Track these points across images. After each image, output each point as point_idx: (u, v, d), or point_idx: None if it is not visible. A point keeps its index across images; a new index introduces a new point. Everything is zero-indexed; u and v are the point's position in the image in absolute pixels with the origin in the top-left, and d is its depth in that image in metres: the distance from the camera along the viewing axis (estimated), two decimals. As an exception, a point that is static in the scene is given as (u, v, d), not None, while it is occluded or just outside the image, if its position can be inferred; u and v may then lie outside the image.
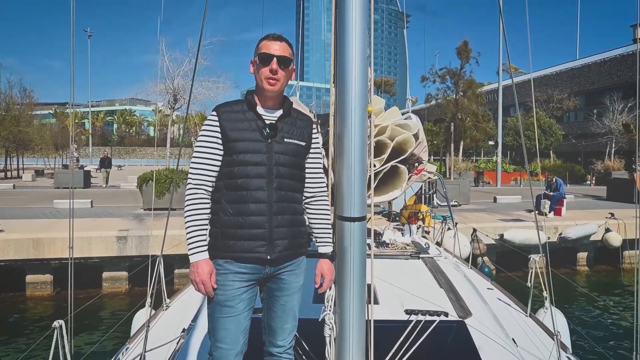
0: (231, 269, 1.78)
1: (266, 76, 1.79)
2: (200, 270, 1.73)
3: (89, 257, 8.09)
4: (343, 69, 2.07)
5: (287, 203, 1.83)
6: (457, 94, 22.03)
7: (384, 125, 2.51)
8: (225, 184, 1.79)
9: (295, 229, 1.88)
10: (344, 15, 2.05)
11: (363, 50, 2.06)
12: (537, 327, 3.24)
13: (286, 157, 1.82)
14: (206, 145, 1.80)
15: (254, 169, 1.76)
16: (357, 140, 2.05)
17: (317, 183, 1.97)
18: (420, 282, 3.53)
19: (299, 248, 1.91)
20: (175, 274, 8.40)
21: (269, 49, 1.80)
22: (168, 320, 3.31)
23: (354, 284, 2.09)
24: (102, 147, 60.18)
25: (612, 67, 35.14)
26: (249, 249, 1.76)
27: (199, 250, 1.76)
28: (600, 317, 7.22)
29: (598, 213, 11.22)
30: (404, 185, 2.63)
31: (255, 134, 1.79)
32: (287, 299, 1.91)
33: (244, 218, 1.76)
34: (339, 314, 2.12)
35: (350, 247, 2.07)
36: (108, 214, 10.45)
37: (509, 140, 32.31)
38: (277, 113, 1.88)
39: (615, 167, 23.50)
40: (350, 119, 2.06)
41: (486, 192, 18.76)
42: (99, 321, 6.76)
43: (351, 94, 2.05)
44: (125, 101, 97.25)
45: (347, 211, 2.07)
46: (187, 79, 12.37)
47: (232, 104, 1.85)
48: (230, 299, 1.77)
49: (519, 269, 9.67)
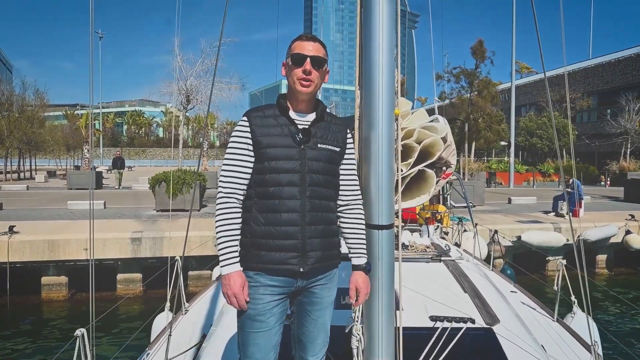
0: (262, 282, 1.70)
1: (299, 77, 1.72)
2: (232, 282, 1.65)
3: (104, 259, 8.10)
4: (369, 71, 2.00)
5: (320, 212, 1.74)
6: (471, 93, 21.83)
7: (410, 129, 2.43)
8: (256, 192, 1.72)
9: (329, 240, 1.79)
10: (370, 15, 1.97)
11: (390, 51, 1.99)
12: (566, 333, 3.14)
13: (320, 164, 1.74)
14: (237, 152, 1.73)
15: (286, 176, 1.69)
16: (384, 144, 1.98)
17: (351, 191, 1.88)
18: (443, 287, 3.44)
19: (332, 260, 1.82)
20: (189, 275, 8.39)
21: (302, 49, 1.73)
22: (188, 325, 3.27)
23: (383, 294, 2.02)
24: (113, 148, 60.86)
25: (627, 66, 34.58)
26: (280, 261, 1.69)
27: (231, 262, 1.68)
28: (629, 323, 7.05)
29: (617, 215, 11.00)
30: (432, 190, 2.55)
31: (288, 139, 1.71)
32: (319, 313, 1.83)
33: (275, 228, 1.68)
34: (366, 324, 2.06)
35: (378, 256, 2.01)
36: (121, 215, 10.49)
37: (520, 141, 31.95)
38: (310, 117, 1.80)
39: (631, 167, 23.10)
40: (377, 123, 1.98)
41: (500, 193, 18.54)
42: (117, 325, 6.72)
43: (378, 97, 1.98)
44: (134, 102, 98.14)
45: (375, 219, 2.00)
46: (200, 79, 12.40)
47: (264, 109, 1.78)
48: (261, 313, 1.70)
49: (537, 271, 9.54)
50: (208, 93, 12.72)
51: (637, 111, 28.30)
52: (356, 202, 1.89)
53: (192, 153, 56.31)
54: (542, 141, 32.24)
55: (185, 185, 10.83)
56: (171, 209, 10.90)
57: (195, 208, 11.13)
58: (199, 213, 10.84)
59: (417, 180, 2.57)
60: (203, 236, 8.16)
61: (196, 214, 10.77)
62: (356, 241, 1.87)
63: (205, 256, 7.98)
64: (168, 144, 64.67)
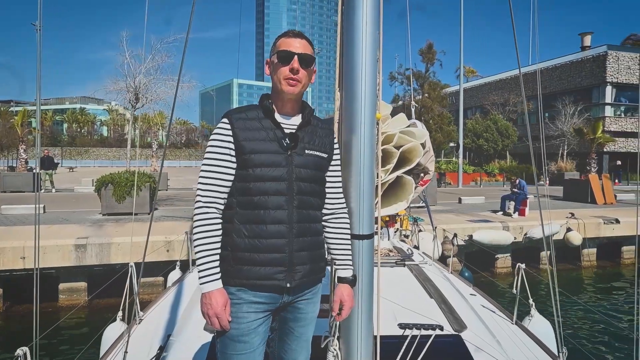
0: (245, 299, 1.56)
1: (285, 76, 1.59)
2: (214, 301, 1.49)
3: (44, 268, 7.51)
4: (352, 73, 1.90)
5: (308, 223, 1.63)
6: (423, 95, 22.43)
7: (390, 133, 2.36)
8: (238, 201, 1.57)
9: (317, 252, 1.68)
10: (354, 16, 1.88)
11: (374, 53, 1.90)
12: (526, 337, 3.22)
13: (307, 171, 1.62)
14: (217, 158, 1.57)
15: (272, 184, 1.56)
16: (366, 149, 1.88)
17: (337, 199, 1.77)
18: (410, 293, 3.46)
19: (319, 273, 1.71)
20: (140, 282, 7.95)
21: (289, 46, 1.60)
22: (143, 337, 3.03)
23: (362, 305, 1.94)
24: (52, 147, 57.24)
25: (563, 72, 36.96)
26: (266, 276, 1.55)
27: (212, 279, 1.52)
28: (575, 316, 7.44)
29: (558, 213, 11.62)
30: (410, 197, 2.49)
31: (274, 145, 1.57)
32: (303, 330, 1.71)
33: (260, 241, 1.54)
34: (344, 337, 1.97)
35: (359, 267, 1.91)
36: (63, 220, 9.79)
37: (467, 142, 33.26)
38: (296, 120, 1.67)
39: (568, 168, 24.63)
40: (359, 127, 1.89)
41: (450, 193, 19.14)
42: (62, 340, 6.19)
43: (361, 100, 1.89)
44: (75, 99, 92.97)
45: (356, 228, 1.90)
46: (150, 77, 11.82)
47: (246, 110, 1.63)
48: (244, 333, 1.55)
49: (487, 269, 9.90)
50: (158, 91, 12.19)
51: (572, 114, 30.29)
52: (342, 210, 1.78)
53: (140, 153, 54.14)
54: (487, 143, 33.73)
55: (134, 188, 10.30)
56: (114, 212, 10.32)
57: (145, 211, 10.62)
58: (149, 217, 10.34)
59: (394, 186, 2.50)
60: (155, 241, 7.77)
61: (146, 218, 10.28)
62: (342, 252, 1.76)
63: (158, 262, 7.61)
64: (113, 144, 61.70)
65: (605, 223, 11.12)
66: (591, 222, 11.07)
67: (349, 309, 1.75)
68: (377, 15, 1.86)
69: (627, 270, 10.79)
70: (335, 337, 1.98)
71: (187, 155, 62.52)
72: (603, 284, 9.79)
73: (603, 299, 8.64)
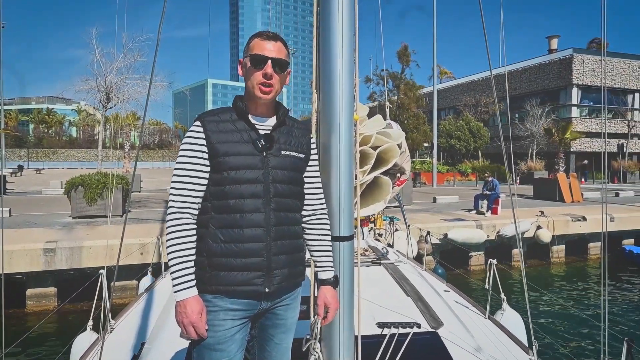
0: (222, 306, 1.52)
1: (259, 82, 1.56)
2: (189, 310, 1.45)
3: (11, 273, 7.23)
4: (329, 74, 1.90)
5: (286, 226, 1.59)
6: (399, 96, 22.70)
7: (368, 135, 2.38)
8: (213, 205, 1.53)
9: (295, 256, 1.65)
10: (330, 17, 1.88)
11: (350, 53, 1.91)
12: (498, 331, 3.30)
13: (284, 173, 1.58)
14: (190, 162, 1.52)
15: (248, 187, 1.52)
16: (345, 150, 1.89)
17: (317, 200, 1.75)
18: (386, 291, 3.50)
19: (298, 277, 1.68)
20: (113, 287, 7.75)
21: (262, 49, 1.56)
22: (115, 346, 2.94)
23: (344, 307, 1.93)
24: (17, 149, 55.14)
25: (531, 74, 38.03)
26: (243, 282, 1.51)
27: (187, 286, 1.48)
28: (549, 311, 7.66)
29: (528, 211, 11.96)
30: (388, 198, 2.52)
31: (249, 146, 1.54)
32: (283, 336, 1.69)
33: (237, 245, 1.50)
34: (326, 339, 1.97)
35: (340, 269, 1.91)
36: (31, 224, 9.47)
37: (441, 142, 33.84)
38: (271, 121, 1.64)
39: (537, 167, 25.36)
40: (337, 128, 1.89)
41: (425, 193, 19.42)
42: (30, 350, 5.94)
43: (338, 101, 1.89)
44: (42, 99, 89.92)
45: (336, 230, 1.90)
46: (122, 76, 11.54)
47: (219, 112, 1.59)
48: (221, 341, 1.51)
49: (461, 266, 10.10)
50: (130, 90, 11.91)
51: (541, 116, 31.21)
52: (322, 211, 1.76)
53: (112, 154, 52.84)
54: (460, 142, 34.41)
55: (106, 190, 10.04)
56: (84, 215, 10.04)
57: (117, 214, 10.37)
58: (121, 219, 10.11)
59: (372, 187, 2.52)
60: (129, 244, 7.59)
61: (119, 220, 10.03)
62: (323, 253, 1.74)
63: (131, 265, 7.44)
64: (83, 145, 59.98)
65: (573, 220, 11.50)
66: (560, 219, 11.44)
67: (335, 311, 1.73)
68: (352, 16, 1.87)
69: (593, 266, 11.20)
70: (317, 340, 1.97)
71: (161, 156, 61.35)
72: (571, 278, 10.12)
73: (571, 293, 8.93)
